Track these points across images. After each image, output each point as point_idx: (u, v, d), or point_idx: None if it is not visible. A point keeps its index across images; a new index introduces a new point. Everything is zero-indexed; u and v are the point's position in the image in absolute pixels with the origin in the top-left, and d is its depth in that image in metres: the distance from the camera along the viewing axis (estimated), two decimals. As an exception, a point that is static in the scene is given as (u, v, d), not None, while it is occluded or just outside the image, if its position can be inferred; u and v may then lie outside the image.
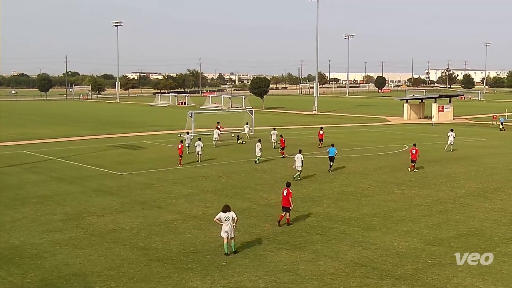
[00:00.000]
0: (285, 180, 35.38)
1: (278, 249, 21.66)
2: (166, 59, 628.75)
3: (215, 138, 54.42)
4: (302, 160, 35.56)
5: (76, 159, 44.99)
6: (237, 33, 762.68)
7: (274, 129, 54.36)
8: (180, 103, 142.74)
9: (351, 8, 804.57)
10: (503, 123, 75.37)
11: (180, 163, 41.93)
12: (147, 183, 34.75)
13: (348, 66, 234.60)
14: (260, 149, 42.82)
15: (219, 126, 58.63)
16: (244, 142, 55.51)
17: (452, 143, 50.50)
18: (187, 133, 53.10)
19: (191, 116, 60.73)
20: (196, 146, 43.69)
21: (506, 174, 38.79)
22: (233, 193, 32.07)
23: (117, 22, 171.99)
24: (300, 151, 36.69)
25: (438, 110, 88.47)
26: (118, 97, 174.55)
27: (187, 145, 47.93)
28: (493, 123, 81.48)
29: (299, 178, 35.55)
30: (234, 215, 20.94)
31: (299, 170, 35.74)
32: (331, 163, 39.48)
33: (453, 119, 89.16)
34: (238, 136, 57.76)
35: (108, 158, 46.24)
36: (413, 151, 39.58)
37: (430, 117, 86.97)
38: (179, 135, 61.04)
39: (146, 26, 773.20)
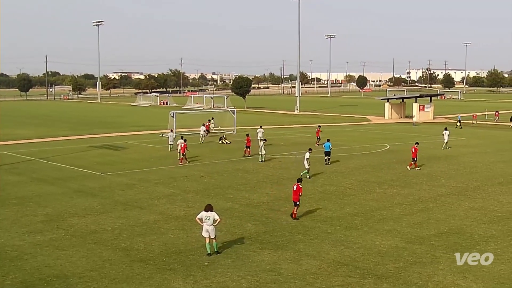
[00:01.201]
0: (267, 180, 35.73)
1: (261, 249, 21.68)
2: (148, 59, 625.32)
3: (202, 135, 55.94)
4: (307, 159, 36.17)
5: (57, 160, 44.66)
6: (219, 33, 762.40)
7: (261, 127, 54.87)
8: (162, 103, 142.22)
9: (332, 8, 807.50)
10: (460, 121, 77.70)
11: (185, 161, 42.46)
12: (128, 184, 34.59)
13: (329, 66, 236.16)
14: (263, 147, 43.34)
15: (207, 124, 60.56)
16: (229, 142, 55.45)
17: (447, 141, 51.69)
18: (171, 131, 53.16)
19: (173, 116, 60.67)
20: (178, 145, 44.12)
21: (486, 173, 39.16)
22: (215, 193, 32.04)
23: (98, 22, 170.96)
24: (310, 150, 37.36)
25: (419, 109, 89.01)
26: (99, 97, 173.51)
27: (170, 143, 48.54)
28: (473, 122, 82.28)
29: (307, 177, 35.89)
30: (217, 216, 20.92)
31: (306, 168, 36.29)
32: (327, 157, 41.69)
33: (434, 119, 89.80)
34: (221, 136, 57.71)
35: (89, 158, 45.96)
36: (412, 150, 40.33)
37: (411, 117, 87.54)
38: (160, 135, 61.02)
39: (128, 25, 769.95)
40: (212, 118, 65.61)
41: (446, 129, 53.18)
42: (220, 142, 55.67)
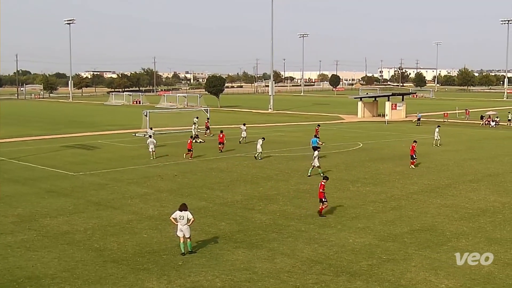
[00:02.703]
0: (241, 179, 35.75)
1: (235, 248, 21.69)
2: (120, 58, 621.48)
3: (195, 133, 57.21)
4: (315, 157, 36.53)
5: (28, 160, 44.10)
6: (192, 32, 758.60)
7: (244, 124, 55.26)
8: (135, 102, 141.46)
9: (305, 7, 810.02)
10: (420, 119, 79.54)
11: (190, 157, 44.14)
12: (101, 184, 34.31)
13: (303, 64, 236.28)
14: (261, 145, 43.90)
15: (206, 122, 62.07)
16: (203, 141, 55.34)
17: (438, 138, 52.70)
18: (151, 128, 52.86)
19: (146, 115, 60.38)
20: (149, 144, 43.96)
21: (456, 170, 39.66)
22: (189, 192, 31.95)
23: (70, 20, 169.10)
24: (318, 148, 38.27)
25: (391, 108, 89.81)
26: (71, 97, 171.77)
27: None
28: (445, 120, 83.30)
29: (320, 173, 35.79)
30: (190, 216, 20.89)
31: (313, 165, 36.56)
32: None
33: (406, 117, 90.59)
34: (196, 135, 57.58)
35: (61, 158, 45.50)
36: (410, 147, 41.01)
37: (384, 115, 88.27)
38: (134, 135, 60.70)
39: (100, 24, 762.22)
40: (199, 118, 65.63)
41: (438, 126, 54.32)
42: (194, 141, 55.50)
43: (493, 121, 78.47)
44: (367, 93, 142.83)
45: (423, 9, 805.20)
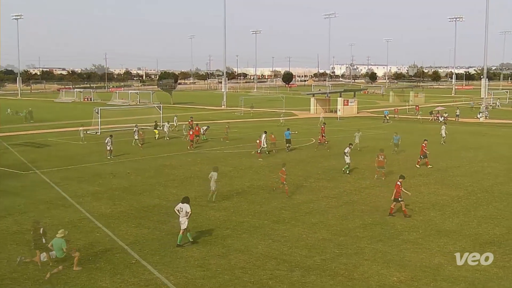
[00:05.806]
0: (195, 176, 35.60)
1: (189, 245, 21.61)
2: (71, 54, 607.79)
3: (166, 131, 56.34)
4: (345, 152, 36.77)
5: (-25, 159, 42.97)
6: (143, 28, 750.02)
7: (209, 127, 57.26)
8: (86, 99, 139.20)
9: (258, 4, 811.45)
10: (387, 116, 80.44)
11: (192, 147, 47.57)
12: (52, 182, 33.67)
13: (255, 61, 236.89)
14: (265, 141, 44.49)
15: (190, 121, 59.57)
16: (157, 138, 54.93)
17: (444, 136, 53.15)
18: (136, 125, 52.41)
19: (97, 112, 59.54)
20: (107, 142, 43.10)
21: (406, 164, 40.37)
22: (142, 189, 31.66)
23: (17, 15, 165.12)
24: (350, 145, 38.08)
25: (343, 104, 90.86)
26: (19, 93, 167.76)
27: (136, 137, 50.28)
28: (395, 116, 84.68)
29: (347, 172, 36.62)
30: (188, 209, 21.33)
31: (347, 162, 36.79)
32: (288, 144, 46.83)
33: (358, 113, 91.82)
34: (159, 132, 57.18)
35: (10, 156, 44.46)
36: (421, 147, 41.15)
37: (336, 111, 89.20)
38: (85, 132, 59.67)
39: (48, 19, 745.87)
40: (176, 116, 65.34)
41: (445, 124, 55.42)
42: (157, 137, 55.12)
43: (441, 116, 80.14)
44: (319, 90, 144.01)
45: (374, 6, 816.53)
